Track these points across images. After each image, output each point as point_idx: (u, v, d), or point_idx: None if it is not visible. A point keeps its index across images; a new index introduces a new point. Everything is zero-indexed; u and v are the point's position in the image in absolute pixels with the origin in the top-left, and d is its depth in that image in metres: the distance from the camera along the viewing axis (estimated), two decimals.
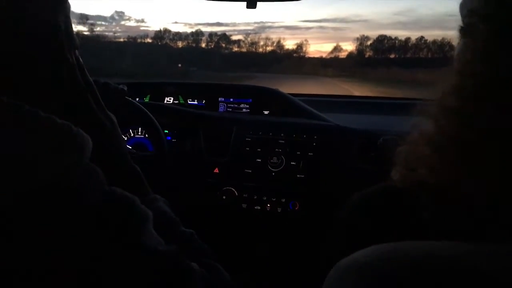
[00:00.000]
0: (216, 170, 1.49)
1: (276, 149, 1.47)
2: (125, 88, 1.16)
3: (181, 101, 1.87)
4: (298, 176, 1.43)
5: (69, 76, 0.64)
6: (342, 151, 1.45)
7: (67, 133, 0.50)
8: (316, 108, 1.70)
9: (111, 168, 0.59)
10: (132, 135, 1.59)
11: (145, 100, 1.84)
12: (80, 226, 0.47)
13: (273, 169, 1.45)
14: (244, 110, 1.79)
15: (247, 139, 1.50)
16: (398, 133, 1.34)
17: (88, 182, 0.50)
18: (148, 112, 1.33)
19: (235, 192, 1.47)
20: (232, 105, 1.81)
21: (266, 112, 1.75)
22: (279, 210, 1.44)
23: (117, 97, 1.11)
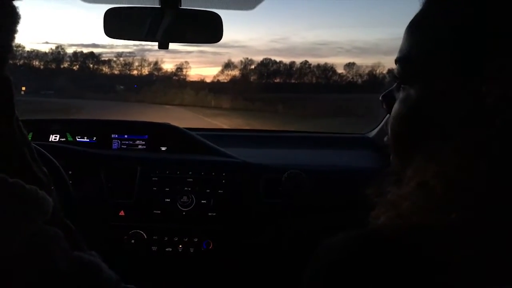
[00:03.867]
0: (122, 213, 1.57)
1: (185, 188, 1.60)
2: None
3: (69, 139, 1.89)
4: (209, 214, 1.58)
5: (8, 130, 0.68)
6: (251, 187, 1.64)
7: (35, 198, 0.55)
8: (215, 143, 1.86)
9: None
10: None
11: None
12: None
13: (183, 209, 1.58)
14: (140, 146, 1.89)
15: (153, 178, 1.61)
16: (301, 167, 1.64)
17: (54, 248, 0.55)
18: (44, 152, 1.39)
19: (144, 234, 1.56)
20: (127, 142, 1.89)
21: (163, 148, 1.88)
22: (191, 250, 1.57)
23: None
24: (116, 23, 1.43)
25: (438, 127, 0.53)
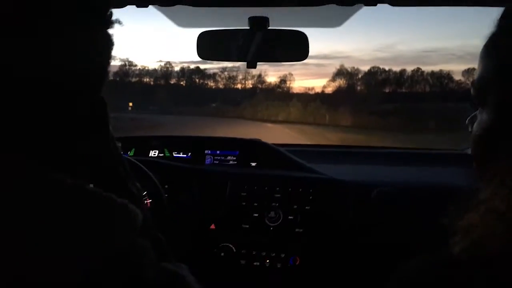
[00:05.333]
0: (213, 226, 1.71)
1: (273, 203, 1.69)
2: (120, 145, 1.42)
3: (166, 154, 2.08)
4: (296, 230, 1.65)
5: (105, 148, 0.78)
6: (338, 204, 1.68)
7: (125, 212, 0.61)
8: (303, 158, 1.96)
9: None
10: None
11: (130, 154, 2.09)
12: None
13: (270, 224, 1.67)
14: (231, 162, 2.02)
15: (242, 193, 1.72)
16: (392, 184, 1.66)
17: (144, 259, 0.60)
18: (144, 167, 1.58)
19: (233, 248, 1.67)
20: (219, 157, 2.04)
21: (253, 164, 1.99)
22: (278, 265, 1.64)
23: None
24: (208, 45, 1.57)
25: (507, 151, 0.54)
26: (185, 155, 2.09)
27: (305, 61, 1.55)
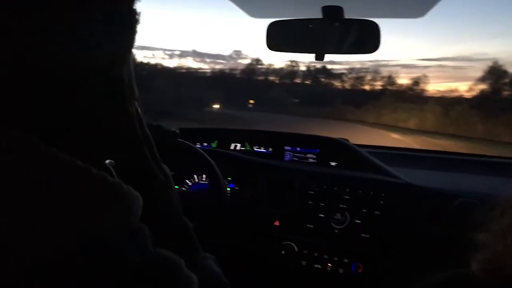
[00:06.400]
0: (277, 223, 1.68)
1: (341, 205, 1.62)
2: (177, 131, 1.44)
3: (247, 148, 2.11)
4: (363, 235, 1.56)
5: (128, 128, 0.76)
6: (412, 212, 1.56)
7: (117, 192, 0.59)
8: (386, 162, 1.84)
9: (159, 223, 0.66)
10: (196, 180, 1.87)
11: (213, 146, 2.13)
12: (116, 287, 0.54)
13: (336, 226, 1.60)
14: (310, 160, 1.98)
15: (310, 192, 1.67)
16: (479, 196, 1.49)
17: (131, 243, 0.58)
18: (205, 155, 1.56)
19: (295, 247, 1.63)
20: (298, 155, 2.01)
21: (333, 164, 1.93)
22: (340, 271, 1.57)
23: (168, 139, 1.32)
24: (278, 36, 1.55)
25: None
26: (265, 150, 2.09)
27: (441, 63, 1.45)
